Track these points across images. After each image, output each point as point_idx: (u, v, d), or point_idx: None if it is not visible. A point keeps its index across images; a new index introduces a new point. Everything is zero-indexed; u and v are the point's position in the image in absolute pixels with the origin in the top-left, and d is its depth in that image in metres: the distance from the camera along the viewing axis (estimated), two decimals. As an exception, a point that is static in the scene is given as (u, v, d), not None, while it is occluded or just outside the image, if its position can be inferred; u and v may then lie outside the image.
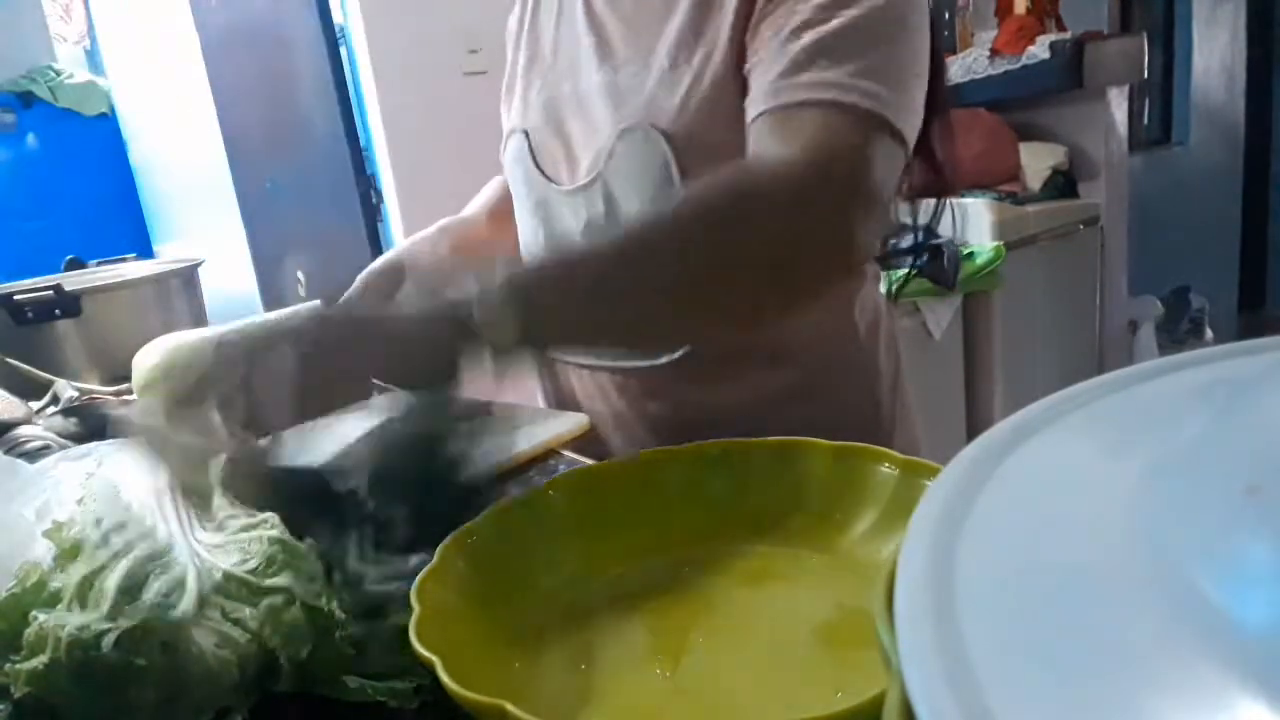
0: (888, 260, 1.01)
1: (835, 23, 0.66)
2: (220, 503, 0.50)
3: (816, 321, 0.82)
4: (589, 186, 0.80)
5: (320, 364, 0.54)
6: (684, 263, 0.61)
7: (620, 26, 0.80)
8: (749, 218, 0.62)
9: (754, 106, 0.68)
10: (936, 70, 0.74)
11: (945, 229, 0.89)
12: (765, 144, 0.66)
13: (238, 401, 0.53)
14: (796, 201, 0.62)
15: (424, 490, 0.54)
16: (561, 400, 0.92)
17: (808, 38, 0.66)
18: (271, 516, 0.48)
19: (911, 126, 0.68)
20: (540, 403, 0.94)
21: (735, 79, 0.72)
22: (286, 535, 0.47)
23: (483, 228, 1.00)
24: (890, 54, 0.67)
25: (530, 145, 0.87)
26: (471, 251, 0.96)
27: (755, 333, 0.79)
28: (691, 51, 0.74)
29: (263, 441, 0.55)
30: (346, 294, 0.89)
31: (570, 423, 0.80)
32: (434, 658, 0.39)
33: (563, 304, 0.61)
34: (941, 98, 0.76)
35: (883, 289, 0.98)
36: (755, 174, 0.64)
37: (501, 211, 0.99)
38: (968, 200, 2.31)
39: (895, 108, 0.66)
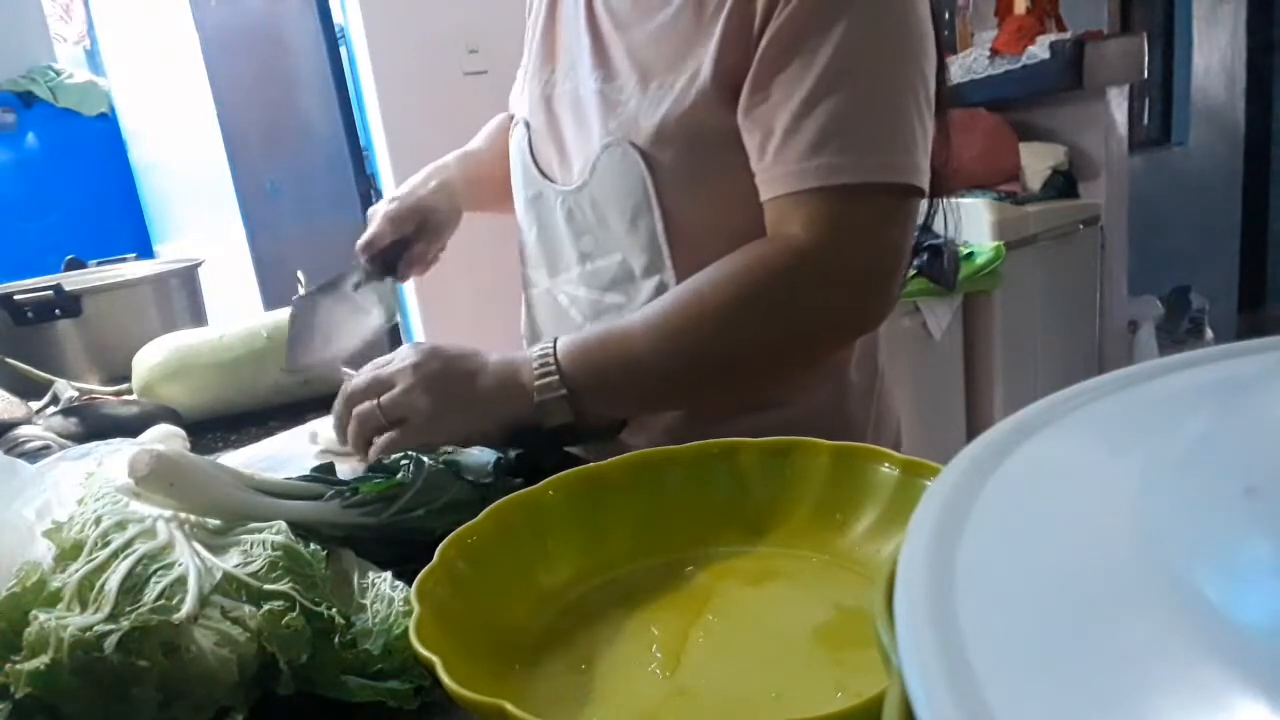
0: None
1: (841, 92, 0.68)
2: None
3: None
4: (579, 191, 0.81)
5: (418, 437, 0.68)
6: (715, 352, 0.71)
7: (615, 35, 0.80)
8: (772, 303, 0.70)
9: (769, 188, 0.72)
10: (937, 74, 0.75)
11: (940, 229, 0.89)
12: (783, 224, 0.71)
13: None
14: (814, 283, 0.70)
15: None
16: None
17: (820, 115, 0.68)
18: (279, 523, 0.49)
19: (925, 169, 0.71)
20: None
21: (714, 109, 0.73)
22: (290, 540, 0.47)
23: (494, 166, 1.02)
24: (897, 108, 0.69)
25: (530, 138, 0.87)
26: (482, 186, 1.01)
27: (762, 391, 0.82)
28: (676, 73, 0.74)
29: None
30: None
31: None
32: (434, 658, 0.39)
33: (606, 394, 0.72)
34: (941, 101, 0.76)
35: None
36: (775, 258, 0.70)
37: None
38: (968, 200, 2.31)
39: (906, 166, 0.69)
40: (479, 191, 1.01)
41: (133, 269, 1.36)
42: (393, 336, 1.52)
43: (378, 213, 0.95)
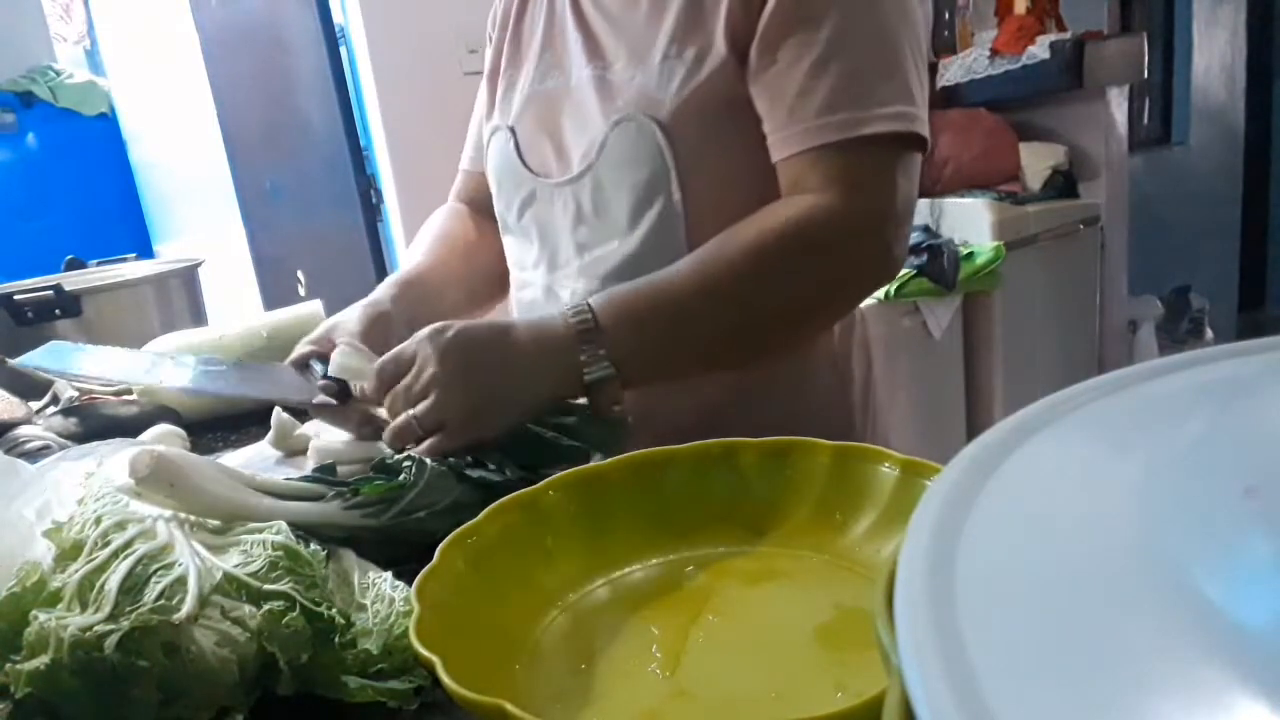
0: None
1: (854, 51, 0.71)
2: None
3: None
4: (579, 178, 0.81)
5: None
6: (754, 305, 0.72)
7: (606, 25, 0.82)
8: (805, 258, 0.72)
9: (784, 147, 0.73)
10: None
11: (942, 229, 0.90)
12: (802, 182, 0.73)
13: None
14: (842, 238, 0.72)
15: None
16: None
17: (833, 73, 0.71)
18: (279, 523, 0.49)
19: (925, 120, 0.74)
20: None
21: (727, 78, 0.75)
22: (290, 540, 0.47)
23: (441, 287, 0.93)
24: (900, 60, 0.72)
25: (516, 142, 0.87)
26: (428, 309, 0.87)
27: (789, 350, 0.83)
28: (684, 46, 0.76)
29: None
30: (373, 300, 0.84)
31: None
32: (434, 658, 0.39)
33: (649, 354, 0.71)
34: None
35: (880, 293, 1.00)
36: (804, 215, 0.71)
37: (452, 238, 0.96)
38: (968, 200, 2.31)
39: (911, 117, 0.72)
40: (419, 307, 0.87)
41: (133, 269, 1.37)
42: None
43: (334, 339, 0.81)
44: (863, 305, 0.89)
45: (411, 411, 0.67)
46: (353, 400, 0.75)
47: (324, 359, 0.78)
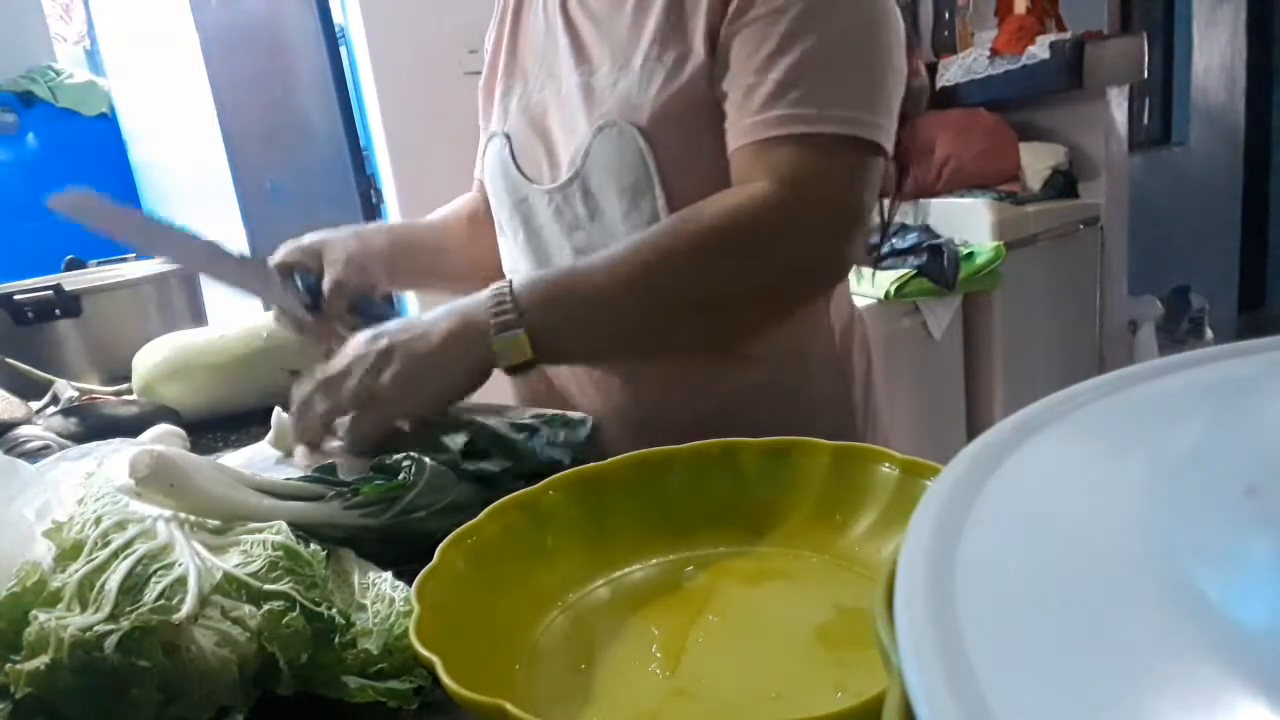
0: (880, 260, 1.03)
1: (804, 47, 0.70)
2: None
3: (794, 320, 0.83)
4: (568, 184, 0.81)
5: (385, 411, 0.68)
6: (679, 291, 0.71)
7: (593, 30, 0.82)
8: (738, 248, 0.70)
9: (733, 139, 0.73)
10: (909, 81, 0.76)
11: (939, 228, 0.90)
12: (748, 175, 0.72)
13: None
14: (780, 231, 0.70)
15: None
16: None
17: (780, 68, 0.70)
18: (279, 523, 0.49)
19: (888, 130, 0.72)
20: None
21: (707, 81, 0.75)
22: (290, 540, 0.47)
23: (433, 235, 0.99)
24: (860, 66, 0.71)
25: (511, 148, 0.88)
26: (411, 251, 0.96)
27: (741, 343, 0.82)
28: (665, 50, 0.76)
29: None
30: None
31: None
32: (434, 658, 0.39)
33: (568, 330, 0.71)
34: (911, 107, 0.78)
35: (880, 293, 1.00)
36: (741, 205, 0.70)
37: (477, 216, 1.00)
38: (968, 200, 2.31)
39: (867, 124, 0.70)
40: (409, 252, 0.95)
41: (133, 269, 1.36)
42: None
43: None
44: (861, 305, 0.89)
45: (338, 395, 0.68)
46: (320, 317, 0.82)
47: (307, 272, 0.85)
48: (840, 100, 0.70)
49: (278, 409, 0.81)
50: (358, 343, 0.70)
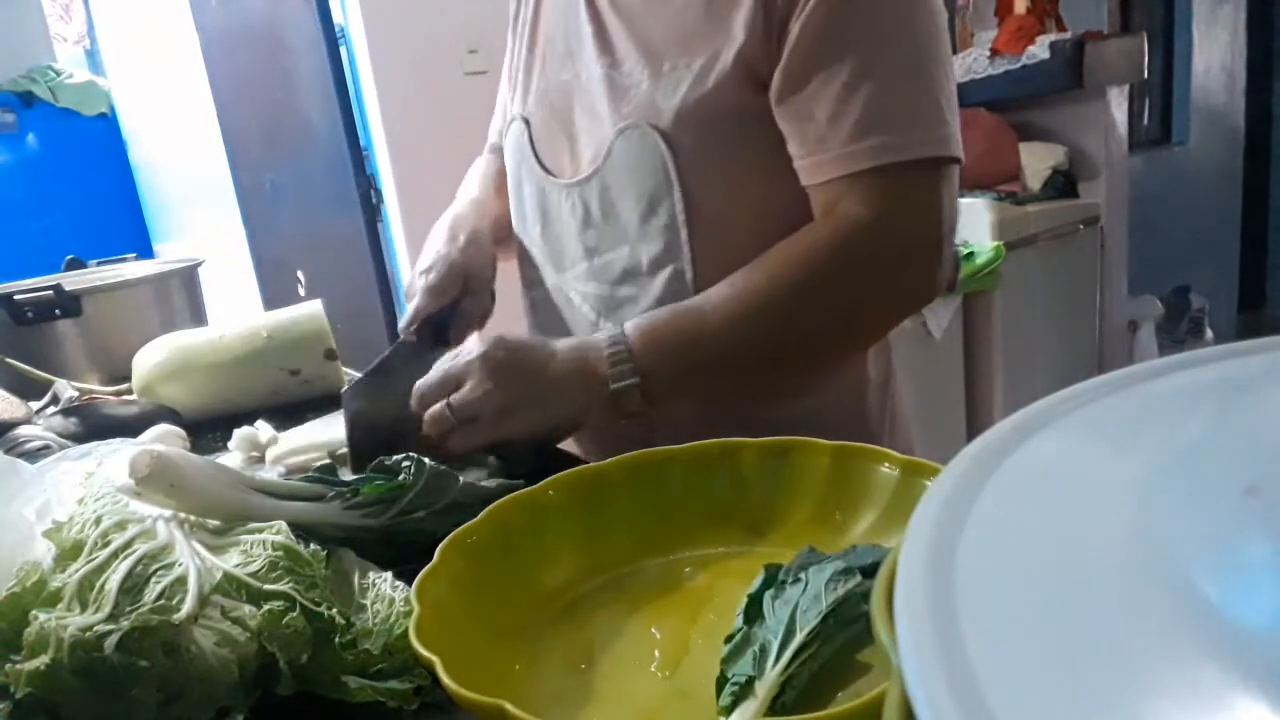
0: None
1: (884, 74, 0.70)
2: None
3: None
4: (587, 181, 0.80)
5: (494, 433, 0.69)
6: (788, 332, 0.72)
7: (617, 19, 0.80)
8: (840, 283, 0.72)
9: (820, 171, 0.72)
10: None
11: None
12: (844, 206, 0.72)
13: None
14: (879, 262, 0.72)
15: None
16: None
17: (863, 97, 0.69)
18: (279, 523, 0.49)
19: (958, 133, 0.73)
20: None
21: (735, 93, 0.73)
22: (290, 540, 0.47)
23: (505, 212, 0.98)
24: (932, 78, 0.71)
25: (530, 134, 0.87)
26: (505, 230, 0.96)
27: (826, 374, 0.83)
28: (694, 55, 0.74)
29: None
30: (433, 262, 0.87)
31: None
32: (434, 658, 0.39)
33: (680, 380, 0.72)
34: None
35: None
36: (840, 239, 0.71)
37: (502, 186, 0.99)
38: (968, 200, 2.31)
39: (946, 138, 0.71)
40: (504, 236, 0.96)
41: (133, 269, 1.36)
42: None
43: (415, 287, 0.87)
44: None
45: (449, 400, 0.68)
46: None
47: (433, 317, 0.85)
48: (921, 121, 0.70)
49: (238, 430, 0.80)
50: (481, 346, 0.70)
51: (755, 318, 0.71)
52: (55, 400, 1.00)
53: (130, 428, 0.84)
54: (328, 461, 0.70)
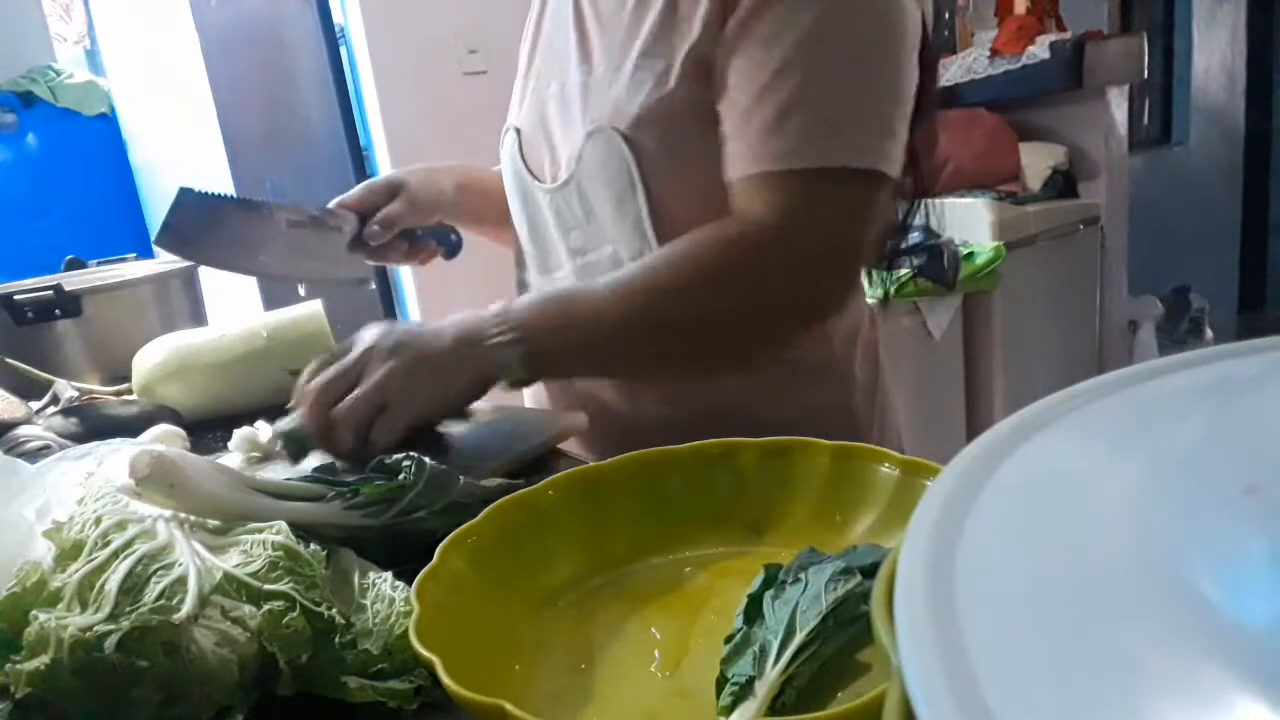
0: (893, 261, 1.02)
1: (808, 68, 0.68)
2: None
3: None
4: (565, 186, 0.82)
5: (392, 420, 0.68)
6: (676, 319, 0.72)
7: (597, 28, 0.81)
8: (735, 280, 0.71)
9: (733, 168, 0.72)
10: (926, 76, 0.75)
11: (925, 223, 0.90)
12: (747, 206, 0.71)
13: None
14: (776, 266, 0.70)
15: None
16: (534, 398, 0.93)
17: (782, 94, 0.68)
18: (279, 523, 0.49)
19: (893, 156, 0.70)
20: (527, 402, 0.94)
21: (694, 91, 0.73)
22: (290, 540, 0.47)
23: (493, 180, 1.00)
24: (867, 87, 0.69)
25: (520, 142, 0.88)
26: (473, 191, 1.00)
27: (729, 372, 0.82)
28: (655, 58, 0.75)
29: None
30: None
31: (569, 421, 0.80)
32: (434, 658, 0.39)
33: (564, 353, 0.72)
34: (927, 102, 0.77)
35: (876, 295, 0.99)
36: (739, 238, 0.70)
37: None
38: (968, 200, 2.31)
39: (869, 150, 0.69)
40: (470, 197, 0.99)
41: (133, 269, 1.36)
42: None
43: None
44: (858, 308, 0.89)
45: (355, 394, 0.67)
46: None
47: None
48: (844, 129, 0.68)
49: (238, 430, 0.80)
50: (370, 333, 0.71)
51: (644, 299, 0.71)
52: (55, 400, 1.00)
53: (130, 428, 0.84)
54: (327, 461, 0.70)
